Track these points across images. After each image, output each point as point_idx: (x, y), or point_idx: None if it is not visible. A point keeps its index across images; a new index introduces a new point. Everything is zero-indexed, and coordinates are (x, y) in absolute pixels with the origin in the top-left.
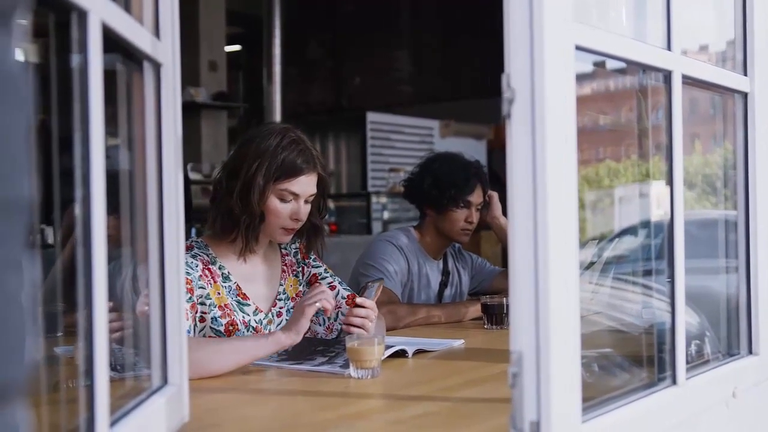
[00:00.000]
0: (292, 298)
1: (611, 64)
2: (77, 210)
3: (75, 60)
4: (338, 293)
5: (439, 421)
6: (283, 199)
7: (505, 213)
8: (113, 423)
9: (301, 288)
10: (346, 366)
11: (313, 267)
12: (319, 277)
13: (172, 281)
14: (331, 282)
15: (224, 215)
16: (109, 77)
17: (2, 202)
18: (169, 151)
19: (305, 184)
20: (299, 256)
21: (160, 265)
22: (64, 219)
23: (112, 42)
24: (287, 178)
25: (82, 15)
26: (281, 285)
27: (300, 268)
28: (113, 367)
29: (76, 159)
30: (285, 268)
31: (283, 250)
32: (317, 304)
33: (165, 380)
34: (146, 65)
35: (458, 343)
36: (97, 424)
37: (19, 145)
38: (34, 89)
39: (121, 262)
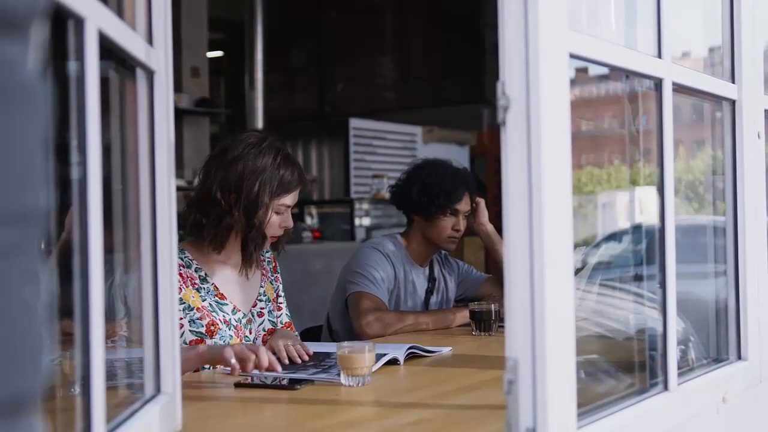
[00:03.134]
0: (272, 300)
1: (593, 70)
2: (74, 217)
3: (70, 66)
4: (262, 323)
5: (433, 428)
6: (278, 213)
7: (491, 219)
8: None
9: (275, 294)
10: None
11: (279, 283)
12: (278, 294)
13: (165, 289)
14: (281, 303)
15: (225, 231)
16: (102, 84)
17: (20, 211)
18: (162, 159)
19: (296, 196)
20: (271, 267)
21: (152, 273)
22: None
23: (106, 49)
24: (286, 194)
25: (79, 22)
26: (261, 287)
27: (274, 277)
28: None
29: (73, 166)
30: (264, 271)
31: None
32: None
33: (158, 389)
34: (139, 72)
35: (447, 350)
36: None
37: (37, 155)
38: (50, 98)
39: (112, 269)
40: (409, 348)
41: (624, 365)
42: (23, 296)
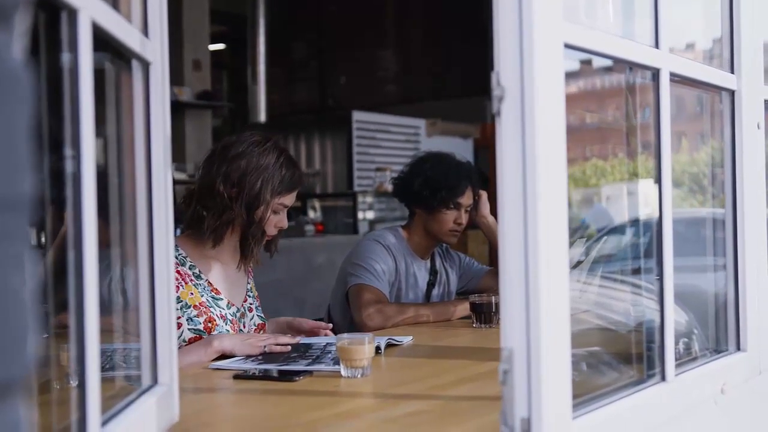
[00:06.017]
0: (256, 297)
1: (597, 62)
2: (68, 211)
3: (64, 58)
4: (252, 317)
5: (430, 419)
6: (275, 212)
7: (493, 212)
8: (104, 423)
9: (257, 292)
10: (336, 363)
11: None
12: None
13: (161, 281)
14: (258, 304)
15: (225, 225)
16: (97, 76)
17: (6, 198)
18: (158, 151)
19: (294, 197)
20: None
21: (149, 265)
22: (50, 219)
23: (101, 40)
24: (286, 193)
25: (72, 13)
26: (249, 283)
27: (253, 276)
28: (102, 367)
29: (66, 159)
30: (249, 270)
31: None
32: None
33: (155, 380)
34: (135, 64)
35: (407, 339)
36: (88, 424)
37: (22, 143)
38: (33, 87)
39: (109, 262)
40: (387, 342)
41: (624, 357)
42: (8, 282)
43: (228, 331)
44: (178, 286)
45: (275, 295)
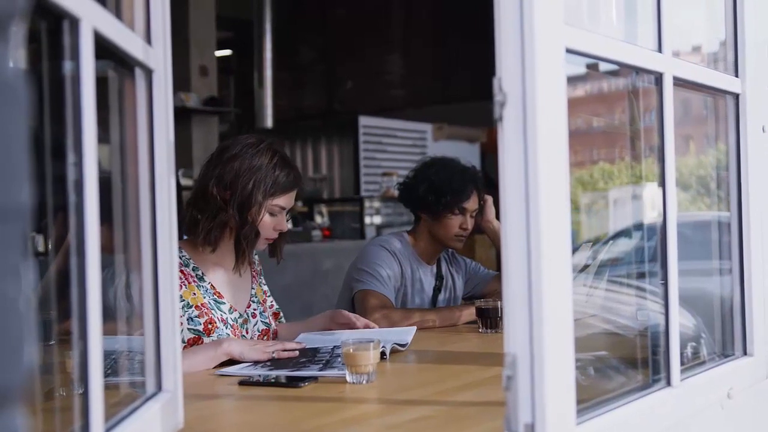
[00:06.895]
0: (262, 302)
1: (604, 66)
2: (71, 218)
3: (66, 66)
4: (256, 323)
5: (434, 425)
6: (272, 213)
7: (499, 216)
8: (108, 430)
9: (264, 296)
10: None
11: (264, 284)
12: (267, 295)
13: (165, 288)
14: (271, 301)
15: (219, 228)
16: (101, 84)
17: (2, 208)
18: (161, 158)
19: (292, 199)
20: (259, 269)
21: (153, 272)
22: (55, 226)
23: (104, 48)
24: (281, 194)
25: (74, 22)
26: (252, 288)
27: (261, 278)
28: (106, 374)
29: (69, 166)
30: (254, 274)
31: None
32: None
33: (159, 387)
34: (138, 72)
35: (411, 332)
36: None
37: (18, 152)
38: (30, 96)
39: (114, 269)
40: (392, 347)
41: (630, 361)
42: (5, 291)
43: (228, 335)
44: (180, 285)
45: (283, 300)
